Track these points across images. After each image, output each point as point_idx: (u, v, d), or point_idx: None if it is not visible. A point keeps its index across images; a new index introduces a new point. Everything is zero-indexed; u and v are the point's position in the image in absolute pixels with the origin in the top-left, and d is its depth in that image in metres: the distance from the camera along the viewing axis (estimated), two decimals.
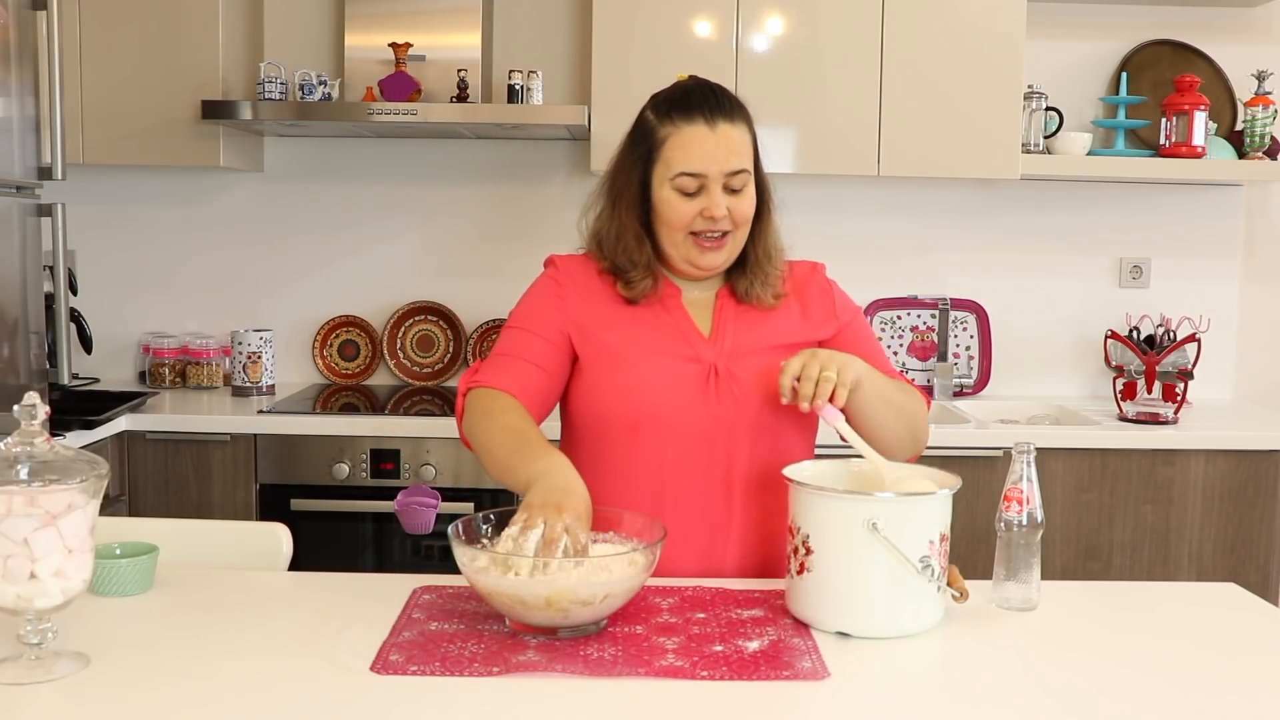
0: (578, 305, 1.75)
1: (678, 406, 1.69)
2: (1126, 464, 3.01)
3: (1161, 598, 1.71)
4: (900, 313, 3.57)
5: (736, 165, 1.68)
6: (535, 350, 1.72)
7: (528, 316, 1.77)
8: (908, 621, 1.44)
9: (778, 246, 1.80)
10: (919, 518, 1.43)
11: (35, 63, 2.65)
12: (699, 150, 1.67)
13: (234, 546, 1.84)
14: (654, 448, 1.69)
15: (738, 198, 1.69)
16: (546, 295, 1.78)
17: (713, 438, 1.70)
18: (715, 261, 1.72)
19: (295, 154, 3.54)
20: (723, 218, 1.68)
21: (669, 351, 1.72)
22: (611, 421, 1.71)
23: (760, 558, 1.73)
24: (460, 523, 1.48)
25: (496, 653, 1.34)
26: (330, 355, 3.57)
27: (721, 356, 1.72)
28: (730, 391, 1.70)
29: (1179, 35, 3.51)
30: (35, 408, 1.27)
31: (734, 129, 1.69)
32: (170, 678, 1.27)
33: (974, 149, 3.20)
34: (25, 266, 2.62)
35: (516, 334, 1.75)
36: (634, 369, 1.70)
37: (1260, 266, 3.62)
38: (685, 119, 1.68)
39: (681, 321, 1.75)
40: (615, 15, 3.16)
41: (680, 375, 1.71)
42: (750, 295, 1.76)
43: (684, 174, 1.67)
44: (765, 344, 1.74)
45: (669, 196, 1.69)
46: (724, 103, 1.70)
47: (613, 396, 1.71)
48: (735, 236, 1.72)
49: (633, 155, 1.73)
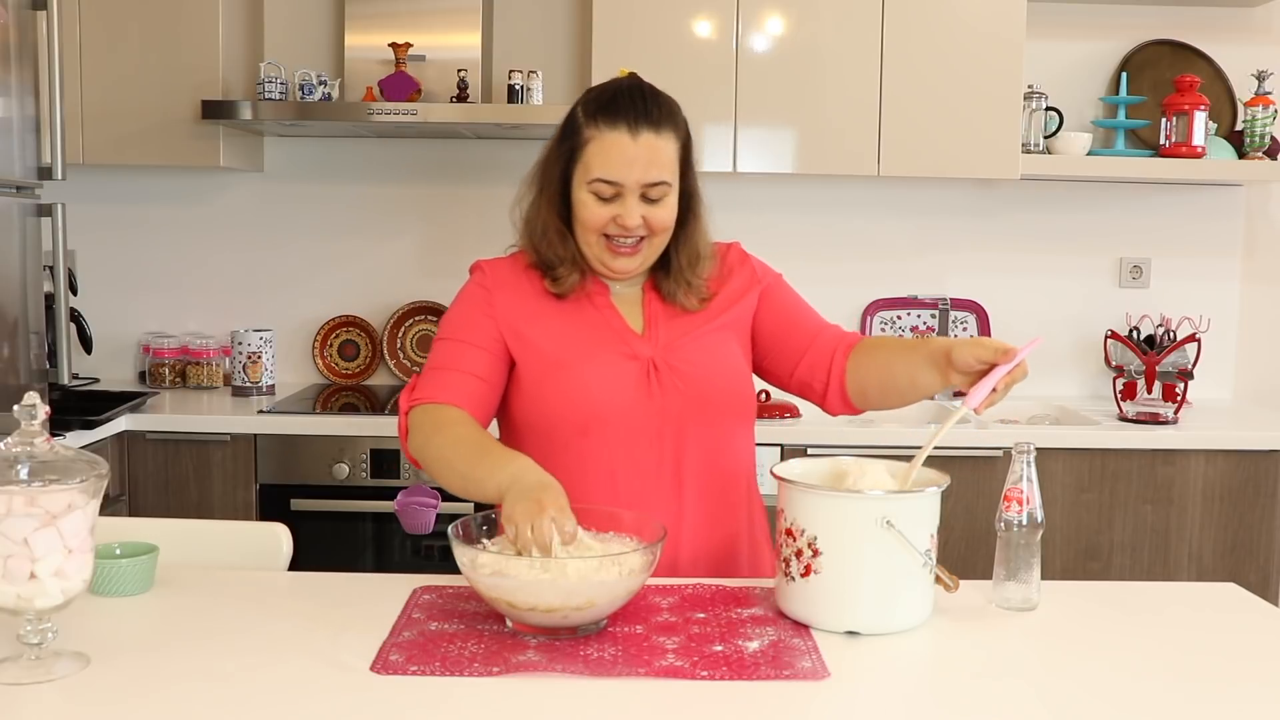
0: (508, 309, 1.73)
1: (624, 405, 1.68)
2: (1126, 464, 3.01)
3: (1161, 598, 1.71)
4: (900, 313, 3.57)
5: (655, 177, 1.66)
6: (472, 361, 1.70)
7: (460, 326, 1.74)
8: (911, 616, 1.45)
9: (704, 253, 1.77)
10: (926, 513, 1.45)
11: (35, 63, 2.65)
12: (618, 158, 1.65)
13: (234, 546, 1.84)
14: (604, 448, 1.67)
15: (655, 207, 1.67)
16: (476, 302, 1.75)
17: (661, 433, 1.69)
18: (627, 267, 1.71)
19: (295, 154, 3.54)
20: (635, 227, 1.66)
21: (607, 350, 1.71)
22: (558, 425, 1.69)
23: (712, 548, 1.72)
24: (460, 523, 1.48)
25: (496, 653, 1.34)
26: (330, 355, 3.57)
27: (658, 350, 1.72)
28: (673, 385, 1.70)
29: (1179, 35, 3.51)
30: (35, 408, 1.27)
31: (658, 139, 1.67)
32: (170, 678, 1.27)
33: (974, 149, 3.20)
34: (25, 266, 2.62)
35: (451, 345, 1.72)
36: (576, 371, 1.69)
37: (1260, 266, 3.62)
38: (609, 124, 1.66)
39: (613, 319, 1.74)
40: (615, 15, 3.16)
41: (622, 373, 1.70)
42: (673, 299, 1.76)
43: (600, 180, 1.66)
44: (697, 332, 1.75)
45: (585, 199, 1.67)
46: (652, 110, 1.67)
47: (558, 400, 1.69)
48: (652, 243, 1.70)
49: (558, 151, 1.72)
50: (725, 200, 3.51)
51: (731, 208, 3.54)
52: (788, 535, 1.47)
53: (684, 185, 1.73)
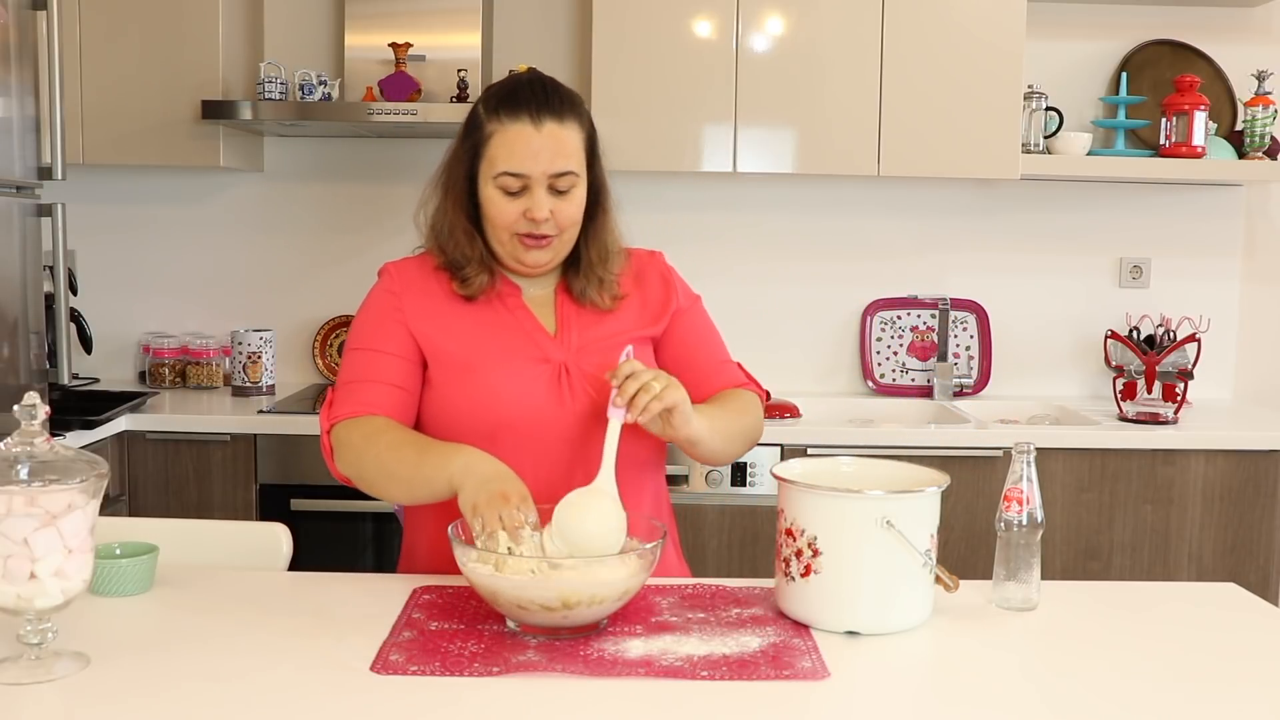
0: (417, 312, 1.71)
1: (533, 409, 1.66)
2: (1126, 464, 3.01)
3: (1161, 598, 1.71)
4: (900, 313, 3.57)
5: (561, 167, 1.64)
6: (387, 370, 1.67)
7: (372, 335, 1.71)
8: (910, 615, 1.45)
9: (614, 249, 1.76)
10: (926, 513, 1.45)
11: (35, 63, 2.65)
12: (522, 150, 1.63)
13: (234, 546, 1.84)
14: (513, 452, 1.62)
15: (563, 199, 1.66)
16: (385, 309, 1.72)
17: (571, 437, 1.67)
18: (540, 260, 1.69)
19: (295, 154, 3.54)
20: (545, 220, 1.64)
21: (518, 354, 1.69)
22: (467, 430, 1.65)
23: None
24: (460, 523, 1.48)
25: (496, 653, 1.34)
26: (330, 355, 3.57)
27: (570, 354, 1.70)
28: (584, 389, 1.68)
29: (1179, 35, 3.51)
30: (35, 408, 1.27)
31: (562, 129, 1.65)
32: (170, 678, 1.27)
33: (974, 149, 3.20)
34: (25, 266, 2.62)
35: (364, 356, 1.69)
36: (485, 376, 1.67)
37: (1260, 266, 3.62)
38: (511, 116, 1.64)
39: (525, 321, 1.72)
40: (615, 15, 3.16)
41: (532, 377, 1.68)
42: (585, 297, 1.74)
43: (506, 173, 1.64)
44: (610, 337, 1.72)
45: (493, 195, 1.66)
46: (553, 100, 1.66)
47: (467, 405, 1.66)
48: (562, 238, 1.69)
49: (461, 149, 1.71)
50: (725, 200, 3.56)
51: (731, 208, 3.56)
52: (788, 535, 1.47)
53: (591, 178, 1.71)
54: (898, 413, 3.41)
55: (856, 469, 1.59)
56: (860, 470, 1.59)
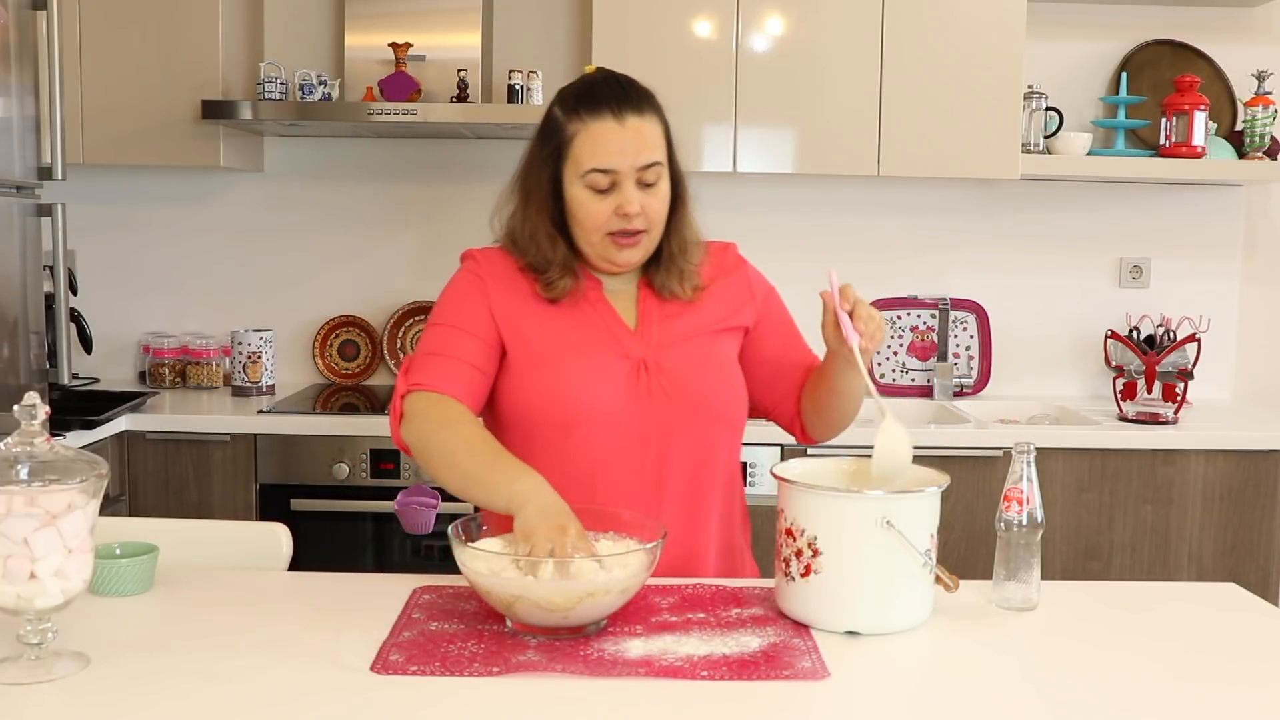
0: (501, 299, 1.71)
1: (609, 405, 1.66)
2: (1126, 464, 3.01)
3: (1161, 598, 1.71)
4: (900, 313, 3.57)
5: (648, 159, 1.65)
6: (468, 349, 1.68)
7: (455, 313, 1.72)
8: (911, 616, 1.45)
9: (694, 240, 1.76)
10: (926, 513, 1.45)
11: (35, 63, 2.65)
12: (608, 145, 1.63)
13: (234, 546, 1.84)
14: (586, 446, 1.65)
15: (651, 193, 1.66)
16: (470, 290, 1.73)
17: (645, 434, 1.67)
18: (633, 258, 1.69)
19: (295, 154, 3.54)
20: (637, 215, 1.64)
21: (597, 348, 1.69)
22: (542, 421, 1.66)
23: (684, 551, 1.69)
24: (460, 523, 1.48)
25: (496, 653, 1.34)
26: (330, 355, 3.57)
27: (649, 350, 1.70)
28: (661, 386, 1.68)
29: (1179, 35, 3.51)
30: (35, 408, 1.27)
31: (643, 121, 1.65)
32: (170, 678, 1.27)
33: (974, 149, 3.20)
34: (25, 266, 2.62)
35: (446, 331, 1.70)
36: (563, 368, 1.67)
37: (1260, 266, 3.62)
38: (592, 114, 1.64)
39: (606, 316, 1.72)
40: (615, 15, 3.16)
41: (610, 372, 1.68)
42: (666, 290, 1.74)
43: (595, 170, 1.64)
44: (691, 333, 1.73)
45: (581, 195, 1.65)
46: (631, 95, 1.66)
47: (543, 396, 1.67)
48: (651, 234, 1.69)
49: (542, 153, 1.70)
50: (725, 200, 3.56)
51: (731, 208, 3.56)
52: (788, 535, 1.47)
53: (671, 171, 1.71)
54: (898, 413, 3.40)
55: (856, 469, 1.59)
56: (860, 470, 1.59)
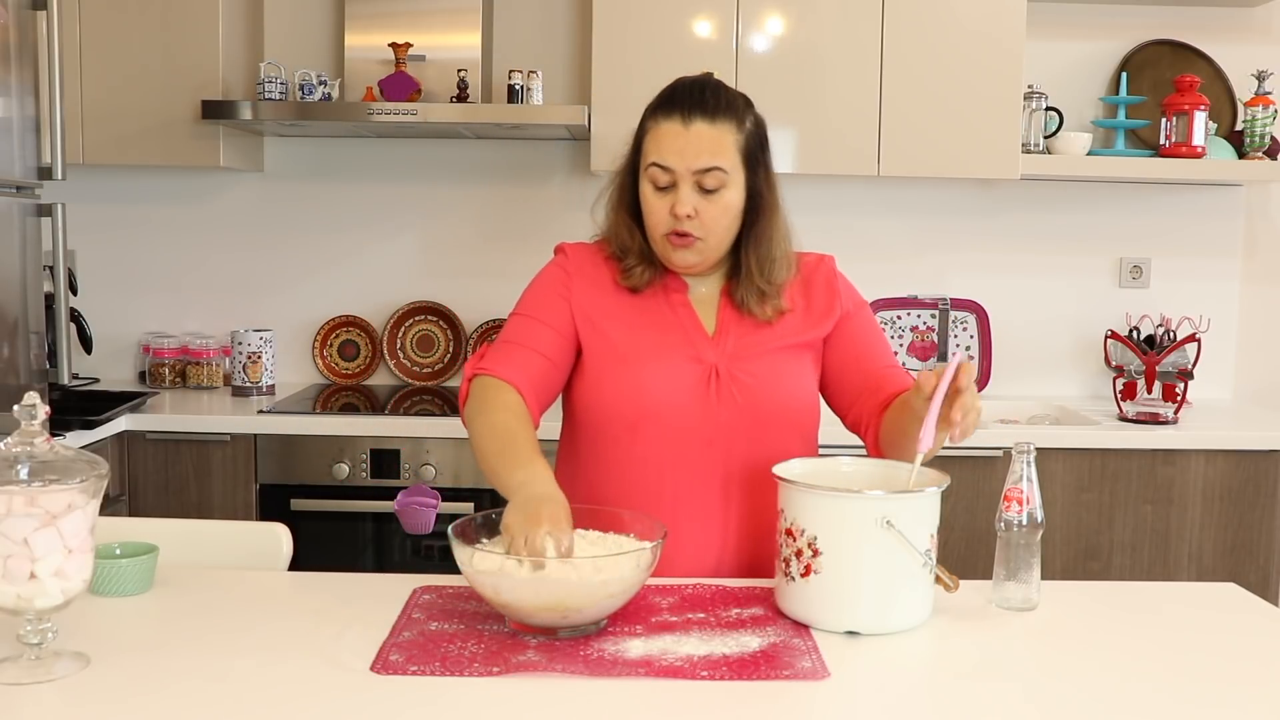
0: (584, 295, 1.76)
1: (678, 407, 1.69)
2: (1126, 464, 3.01)
3: (1161, 598, 1.71)
4: (900, 313, 3.57)
5: (706, 163, 1.66)
6: (542, 340, 1.73)
7: (536, 305, 1.77)
8: (911, 616, 1.45)
9: (775, 257, 1.74)
10: (926, 513, 1.45)
11: (35, 63, 2.65)
12: (668, 144, 1.67)
13: (234, 546, 1.84)
14: (654, 447, 1.69)
15: (709, 199, 1.67)
16: (554, 284, 1.78)
17: (712, 439, 1.70)
18: (687, 260, 1.71)
19: (295, 154, 3.54)
20: (687, 217, 1.66)
21: (672, 350, 1.72)
22: (612, 419, 1.71)
23: (751, 557, 1.72)
24: (460, 523, 1.48)
25: (496, 653, 1.34)
26: (330, 355, 3.57)
27: (724, 358, 1.72)
28: (731, 394, 1.70)
29: (1179, 35, 3.51)
30: (35, 408, 1.27)
31: (712, 128, 1.67)
32: (170, 678, 1.27)
33: (974, 149, 3.20)
34: (25, 266, 2.62)
35: (525, 322, 1.76)
36: (637, 368, 1.70)
37: (1260, 266, 3.62)
38: (665, 115, 1.69)
39: (686, 319, 1.75)
40: (615, 15, 3.16)
41: (682, 376, 1.70)
42: (745, 306, 1.75)
43: (655, 164, 1.68)
44: (768, 346, 1.74)
45: (645, 190, 1.71)
46: (708, 101, 1.69)
47: (615, 394, 1.71)
48: (708, 241, 1.70)
49: (629, 148, 1.77)
50: None
51: None
52: (788, 535, 1.47)
53: (753, 183, 1.72)
54: None
55: (856, 469, 1.59)
56: (860, 470, 1.59)
